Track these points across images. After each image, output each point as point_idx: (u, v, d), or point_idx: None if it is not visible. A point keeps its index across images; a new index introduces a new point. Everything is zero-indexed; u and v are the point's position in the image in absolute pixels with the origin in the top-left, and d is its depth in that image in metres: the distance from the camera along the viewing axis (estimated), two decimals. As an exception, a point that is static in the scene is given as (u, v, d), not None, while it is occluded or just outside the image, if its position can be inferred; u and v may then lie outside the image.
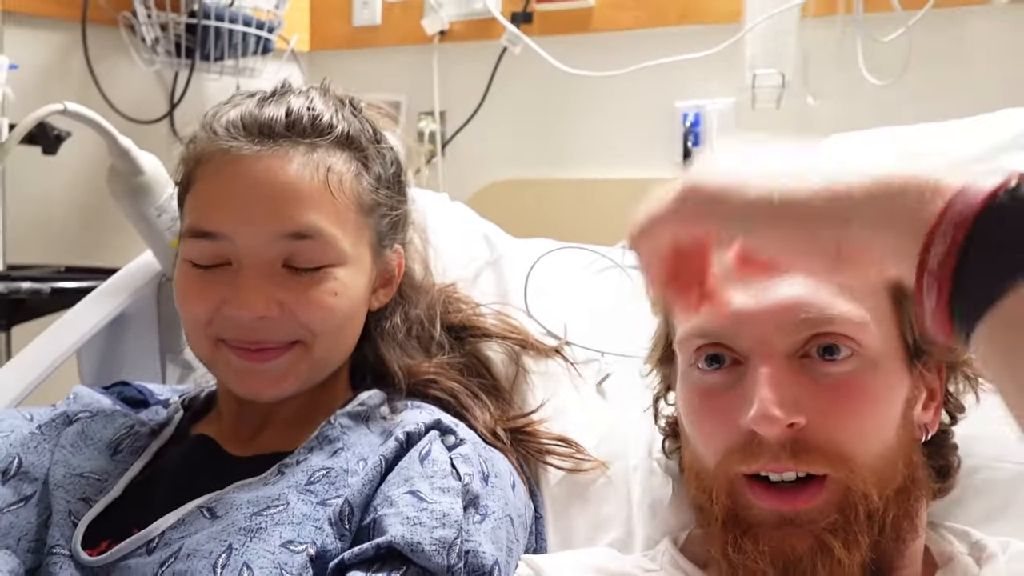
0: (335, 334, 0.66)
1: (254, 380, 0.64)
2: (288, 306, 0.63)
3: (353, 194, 0.67)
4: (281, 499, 0.59)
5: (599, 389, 0.79)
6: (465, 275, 0.86)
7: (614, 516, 0.71)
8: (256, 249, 0.63)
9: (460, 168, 1.69)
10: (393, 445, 0.62)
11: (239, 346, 0.64)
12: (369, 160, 0.69)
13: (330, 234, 0.64)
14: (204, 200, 0.65)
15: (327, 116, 0.67)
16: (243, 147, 0.64)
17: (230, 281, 0.63)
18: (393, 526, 0.56)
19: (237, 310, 0.62)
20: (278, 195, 0.63)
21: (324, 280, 0.64)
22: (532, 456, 0.72)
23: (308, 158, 0.65)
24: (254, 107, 0.66)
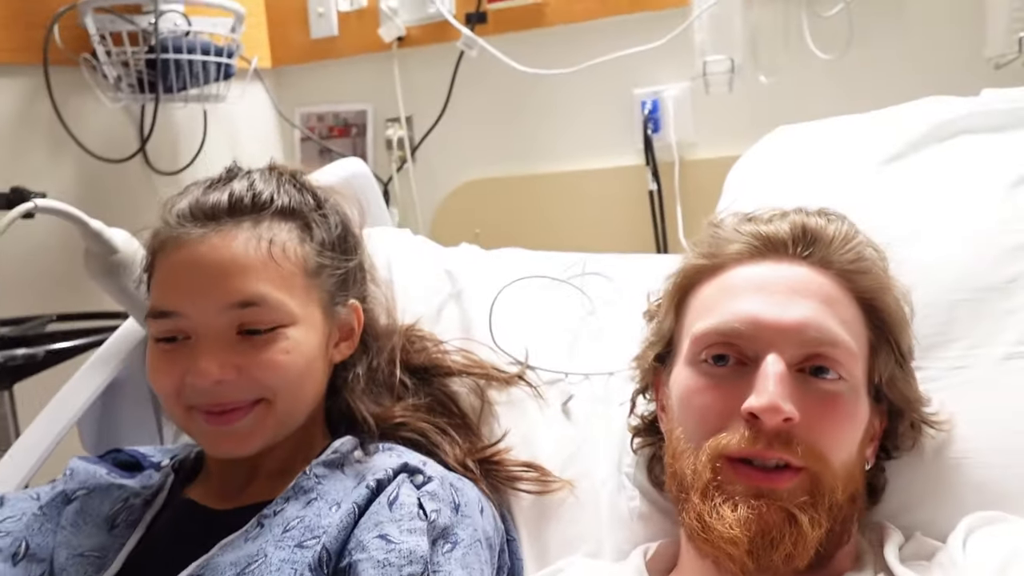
0: (294, 390, 0.72)
1: (223, 441, 0.71)
2: (244, 368, 0.69)
3: (298, 259, 0.73)
4: (260, 554, 0.65)
5: (564, 410, 0.84)
6: (427, 311, 0.90)
7: (584, 532, 0.77)
8: (208, 321, 0.69)
9: (431, 171, 1.73)
10: (364, 492, 0.68)
11: (207, 411, 0.70)
12: (312, 226, 0.75)
13: (276, 299, 0.70)
14: (161, 283, 0.72)
15: (267, 193, 0.74)
16: (191, 232, 0.71)
17: (189, 354, 0.70)
18: (366, 570, 0.62)
19: (196, 378, 0.69)
20: (223, 270, 0.70)
21: (275, 340, 0.70)
22: (501, 483, 0.78)
23: (251, 233, 0.72)
24: (200, 195, 0.74)
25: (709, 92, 1.41)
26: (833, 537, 0.62)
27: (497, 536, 0.73)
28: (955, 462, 0.69)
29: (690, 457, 0.64)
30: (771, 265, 0.67)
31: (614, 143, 1.56)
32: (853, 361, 0.64)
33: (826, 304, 0.64)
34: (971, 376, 0.71)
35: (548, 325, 0.91)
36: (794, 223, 0.68)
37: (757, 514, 0.59)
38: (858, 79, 1.37)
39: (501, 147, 1.67)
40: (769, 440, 0.60)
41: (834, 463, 0.61)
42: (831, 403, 0.62)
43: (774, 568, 0.60)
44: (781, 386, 0.60)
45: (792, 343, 0.62)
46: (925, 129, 0.86)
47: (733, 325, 0.64)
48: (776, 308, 0.63)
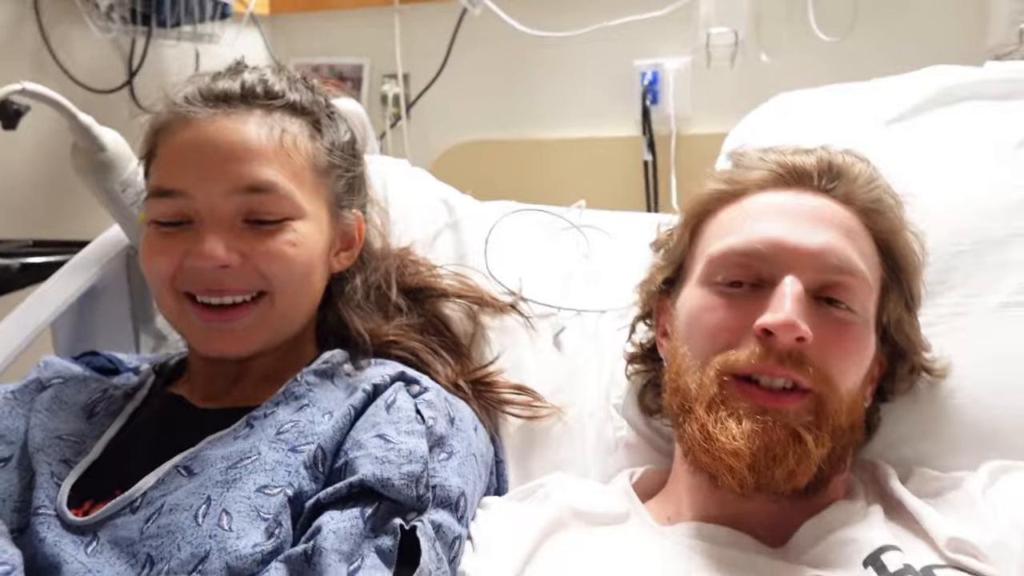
0: (296, 286, 0.69)
1: (217, 338, 0.68)
2: (248, 256, 0.67)
3: (308, 155, 0.71)
4: (253, 451, 0.62)
5: (556, 341, 0.83)
6: (423, 238, 0.89)
7: (570, 459, 0.76)
8: (215, 203, 0.66)
9: (425, 130, 1.71)
10: (361, 396, 0.66)
11: (203, 301, 0.67)
12: (322, 126, 0.73)
13: (286, 189, 0.68)
14: (164, 163, 0.69)
15: (279, 86, 0.72)
16: (200, 112, 0.68)
17: (192, 236, 0.67)
18: (364, 466, 0.60)
19: (198, 260, 0.66)
20: (234, 152, 0.67)
21: (282, 231, 0.67)
22: (492, 406, 0.77)
23: (263, 120, 0.69)
24: (209, 81, 0.71)
25: (711, 66, 1.42)
26: (832, 460, 0.62)
27: (489, 455, 0.72)
28: (949, 400, 0.69)
29: (696, 373, 0.63)
30: (795, 194, 0.67)
31: (612, 113, 1.56)
32: (867, 294, 0.64)
33: (847, 235, 0.64)
34: (967, 323, 0.72)
35: (543, 262, 0.90)
36: (820, 157, 0.68)
37: (762, 428, 0.59)
38: (858, 63, 1.37)
39: (497, 110, 1.65)
40: (780, 358, 0.60)
41: (841, 389, 0.61)
42: (843, 331, 0.62)
43: (774, 485, 0.59)
44: (798, 305, 0.60)
45: (812, 268, 0.62)
46: (930, 93, 0.87)
47: (755, 245, 0.63)
48: (799, 232, 0.63)
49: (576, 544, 0.63)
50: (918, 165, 0.82)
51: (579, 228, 0.93)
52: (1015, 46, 1.24)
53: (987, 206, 0.77)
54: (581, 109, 1.59)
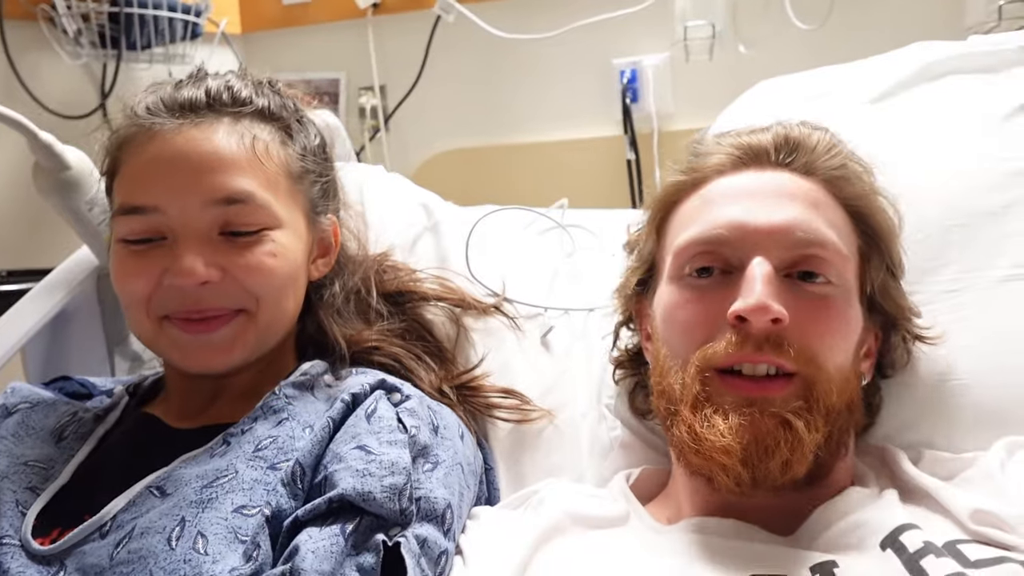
0: (277, 298, 0.67)
1: (201, 352, 0.65)
2: (229, 271, 0.64)
3: (281, 162, 0.68)
4: (229, 469, 0.59)
5: (543, 342, 0.81)
6: (402, 242, 0.87)
7: (564, 463, 0.73)
8: (190, 218, 0.63)
9: (404, 141, 1.69)
10: (340, 407, 0.63)
11: (184, 318, 0.64)
12: (293, 131, 0.71)
13: (263, 198, 0.65)
14: (130, 178, 0.66)
15: (246, 92, 0.69)
16: (165, 123, 0.65)
17: (168, 253, 0.64)
18: (344, 480, 0.57)
19: (178, 278, 0.62)
20: (206, 163, 0.64)
21: (261, 242, 0.65)
22: (479, 411, 0.74)
23: (233, 128, 0.66)
24: (171, 90, 0.68)
25: (689, 60, 1.40)
26: (831, 446, 0.59)
27: (477, 463, 0.69)
28: (951, 381, 0.67)
29: (678, 372, 0.61)
30: (754, 173, 0.64)
31: (592, 113, 1.54)
32: (843, 263, 0.61)
33: (812, 207, 0.62)
34: (966, 298, 0.70)
35: (527, 262, 0.88)
36: (776, 132, 0.66)
37: (750, 421, 0.56)
38: (837, 51, 1.35)
39: (477, 117, 1.63)
40: (758, 344, 0.57)
41: (828, 367, 0.58)
42: (822, 305, 0.60)
43: (771, 478, 0.57)
44: (768, 286, 0.57)
45: (779, 246, 0.60)
46: (915, 68, 0.85)
47: (716, 231, 0.61)
48: (761, 211, 0.61)
49: (574, 548, 0.61)
50: (906, 141, 0.80)
51: (563, 227, 0.91)
52: (994, 23, 1.22)
53: (978, 179, 0.75)
54: (561, 111, 1.57)
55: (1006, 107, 0.79)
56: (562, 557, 0.60)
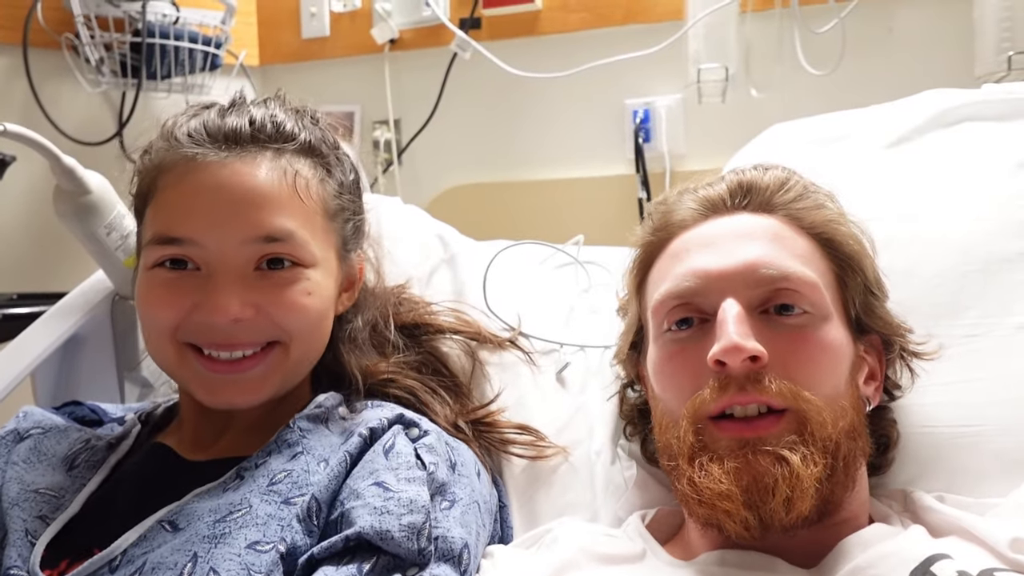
0: (310, 335, 0.66)
1: (228, 389, 0.64)
2: (263, 308, 0.63)
3: (319, 199, 0.68)
4: (243, 503, 0.58)
5: (559, 378, 0.80)
6: (419, 274, 0.87)
7: (578, 501, 0.72)
8: (229, 254, 0.63)
9: (417, 175, 1.70)
10: (357, 441, 0.62)
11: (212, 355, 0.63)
12: (331, 167, 0.70)
13: (301, 237, 0.65)
14: (170, 207, 0.65)
15: (290, 125, 0.68)
16: (209, 154, 0.64)
17: (201, 286, 0.63)
18: (361, 517, 0.56)
19: (211, 315, 0.62)
20: (248, 199, 0.63)
21: (297, 280, 0.64)
22: (494, 447, 0.73)
23: (275, 163, 0.66)
24: (216, 116, 0.67)
25: (702, 102, 1.42)
26: (836, 478, 0.58)
27: (493, 501, 0.68)
28: (972, 430, 0.66)
29: (674, 427, 0.61)
30: (714, 222, 0.66)
31: (605, 152, 1.56)
32: (814, 291, 0.61)
33: (773, 242, 0.63)
34: (984, 344, 0.70)
35: (544, 296, 0.87)
36: (729, 180, 0.68)
37: (745, 463, 0.56)
38: (848, 96, 1.37)
39: (490, 152, 1.65)
40: (741, 384, 0.58)
41: (816, 398, 0.58)
42: (800, 336, 0.60)
43: (778, 519, 0.56)
44: (740, 326, 0.58)
45: (747, 285, 0.61)
46: (930, 115, 0.86)
47: (684, 284, 0.63)
48: (723, 256, 0.62)
49: None
50: (921, 187, 0.81)
51: (579, 263, 0.91)
52: (1004, 73, 1.24)
53: (994, 225, 0.75)
54: (574, 149, 1.59)
55: (1020, 155, 0.79)
56: None
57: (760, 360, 0.58)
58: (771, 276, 0.61)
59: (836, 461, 0.58)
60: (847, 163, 0.86)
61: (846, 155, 0.87)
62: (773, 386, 0.57)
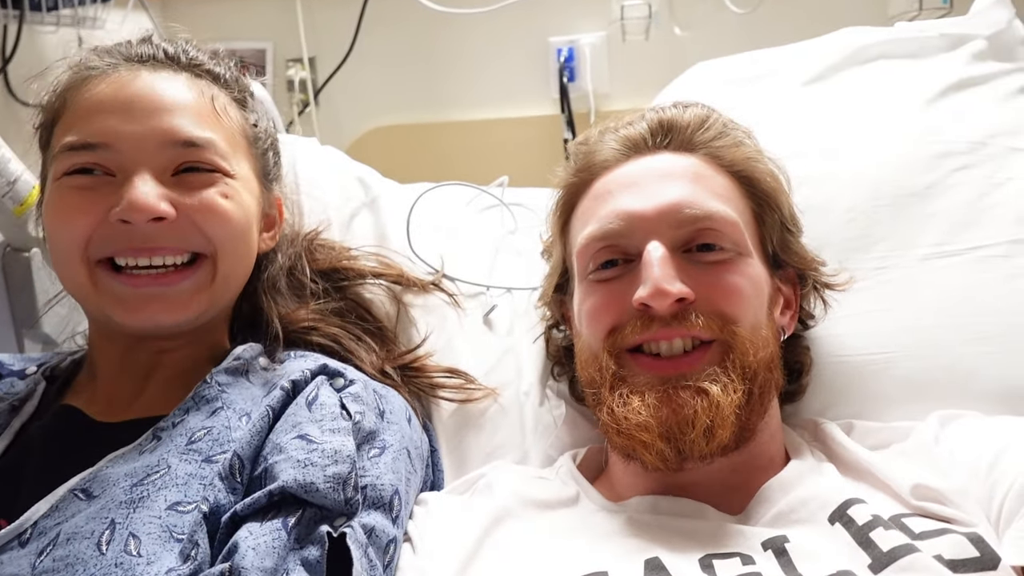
0: (235, 248, 0.63)
1: (151, 305, 0.60)
2: (182, 208, 0.60)
3: (238, 122, 0.66)
4: (161, 464, 0.56)
5: (486, 321, 0.80)
6: (339, 218, 0.83)
7: (508, 442, 0.73)
8: (143, 156, 0.60)
9: (335, 117, 1.63)
10: (279, 394, 0.60)
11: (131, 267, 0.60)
12: (247, 104, 0.69)
13: (222, 148, 0.63)
14: (78, 116, 0.61)
15: (203, 56, 0.67)
16: (120, 66, 0.63)
17: (116, 191, 0.59)
18: (284, 471, 0.54)
19: (129, 212, 0.58)
20: (166, 105, 0.61)
21: (216, 183, 0.62)
22: (423, 391, 0.72)
23: (192, 82, 0.64)
24: (124, 47, 0.65)
25: (626, 40, 1.40)
26: (752, 404, 0.60)
27: (424, 447, 0.67)
28: (881, 357, 0.69)
29: (595, 360, 0.62)
30: (636, 161, 0.66)
31: (529, 91, 1.53)
32: (734, 229, 0.63)
33: (695, 181, 0.64)
34: (892, 276, 0.72)
35: (469, 239, 0.86)
36: (650, 119, 0.68)
37: (665, 396, 0.58)
38: (769, 34, 1.37)
39: (411, 93, 1.59)
40: (666, 322, 0.59)
41: (741, 327, 0.60)
42: (723, 272, 0.61)
43: (697, 448, 0.57)
44: (664, 269, 0.59)
45: (670, 226, 0.61)
46: (846, 53, 0.88)
47: (608, 225, 0.63)
48: (646, 197, 0.63)
49: (525, 531, 0.60)
50: (836, 124, 0.82)
51: (505, 204, 0.89)
52: (915, 12, 1.27)
53: (905, 160, 0.77)
54: (498, 88, 1.55)
55: (930, 92, 0.82)
56: (514, 539, 0.59)
57: (686, 300, 0.58)
58: (694, 216, 0.61)
59: (753, 388, 0.60)
60: (767, 101, 0.86)
61: (766, 93, 0.88)
62: (700, 321, 0.58)
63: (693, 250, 0.62)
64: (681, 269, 0.60)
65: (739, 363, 0.59)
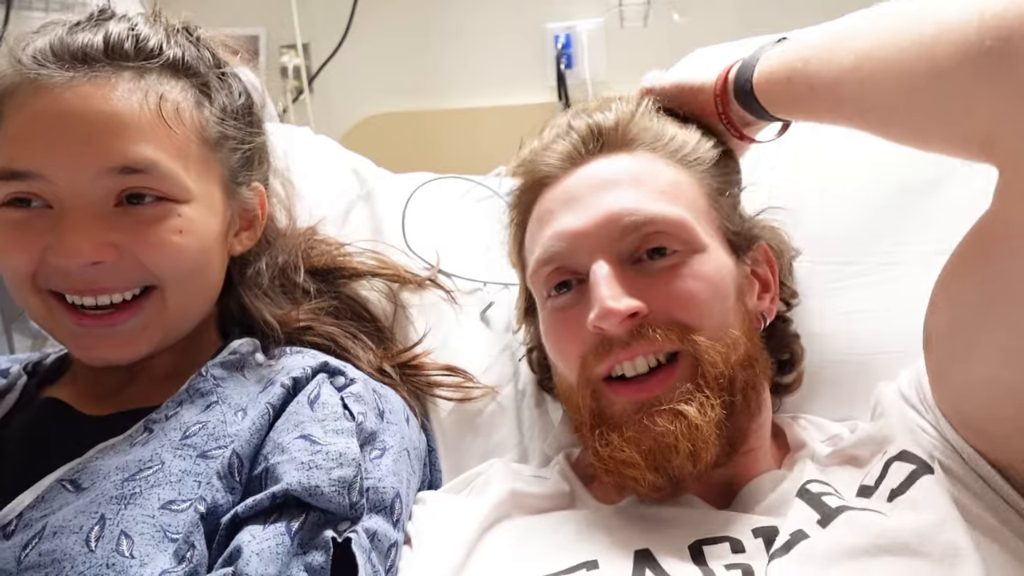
0: (188, 279, 0.60)
1: (100, 343, 0.58)
2: (127, 248, 0.57)
3: (194, 125, 0.60)
4: (154, 459, 0.54)
5: (483, 318, 0.78)
6: (334, 213, 0.82)
7: (506, 441, 0.72)
8: (79, 188, 0.56)
9: (329, 104, 1.61)
10: (279, 391, 0.58)
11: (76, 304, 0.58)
12: (211, 89, 0.63)
13: (167, 168, 0.58)
14: (11, 138, 0.57)
15: (154, 41, 0.60)
16: (54, 75, 0.56)
17: (53, 226, 0.56)
18: (288, 473, 0.53)
19: (63, 258, 0.56)
20: (100, 125, 0.56)
21: (166, 217, 0.58)
22: (421, 390, 0.71)
23: (135, 84, 0.58)
24: (64, 33, 0.59)
25: (624, 26, 1.38)
26: (737, 411, 0.58)
27: (422, 446, 0.66)
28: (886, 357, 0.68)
29: (572, 394, 0.61)
30: (574, 173, 0.63)
31: (526, 79, 1.51)
32: (682, 229, 0.59)
33: (636, 184, 0.60)
34: (898, 272, 0.71)
35: (465, 233, 0.84)
36: (579, 128, 0.64)
37: (642, 428, 0.56)
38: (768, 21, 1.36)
39: (406, 80, 1.57)
40: (624, 342, 0.56)
41: (703, 333, 0.57)
42: (675, 274, 0.58)
43: (686, 472, 0.56)
44: (611, 287, 0.56)
45: (612, 238, 0.58)
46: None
47: (552, 249, 0.60)
48: (584, 212, 0.59)
49: (519, 533, 0.59)
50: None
51: (501, 196, 0.88)
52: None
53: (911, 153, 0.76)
54: (495, 76, 1.53)
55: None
56: (508, 538, 0.58)
57: (639, 314, 0.56)
58: (635, 223, 0.58)
59: (734, 395, 0.57)
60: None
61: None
62: (658, 334, 0.56)
63: (644, 258, 0.59)
64: (629, 282, 0.57)
65: (710, 375, 0.56)
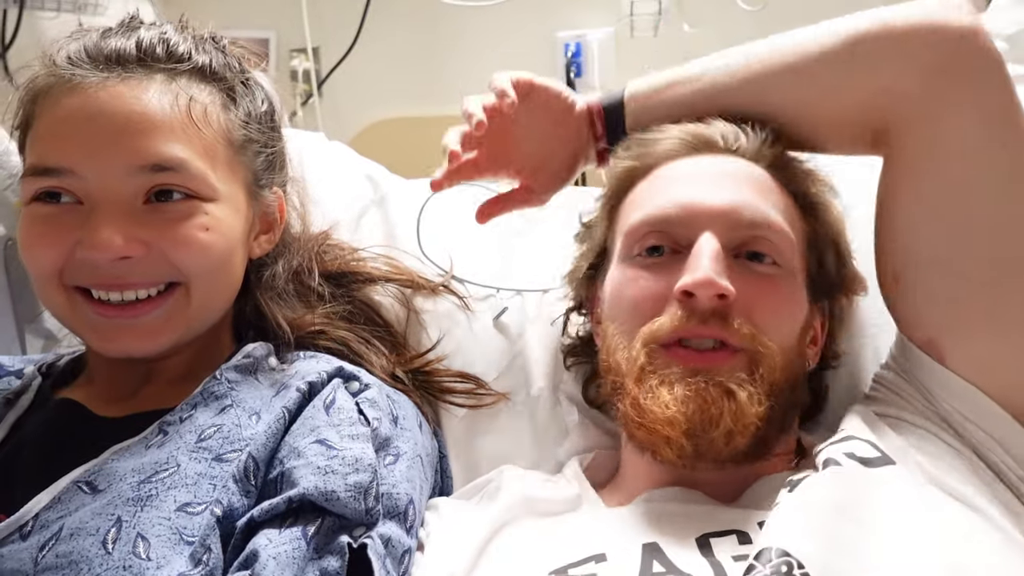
0: (213, 276, 0.61)
1: (122, 335, 0.59)
2: (154, 245, 0.58)
3: (221, 128, 0.62)
4: (170, 462, 0.54)
5: (496, 324, 0.79)
6: (347, 218, 0.82)
7: (519, 446, 0.72)
8: (110, 184, 0.57)
9: (339, 108, 1.61)
10: (295, 396, 0.59)
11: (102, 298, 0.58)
12: (237, 94, 0.65)
13: (196, 167, 0.59)
14: (44, 135, 0.59)
15: (184, 47, 0.62)
16: (88, 76, 0.58)
17: (83, 222, 0.57)
18: (304, 477, 0.53)
19: (92, 252, 0.56)
20: (132, 124, 0.58)
21: (193, 215, 0.59)
22: (434, 396, 0.71)
23: (166, 87, 0.60)
24: (98, 38, 0.61)
25: (634, 36, 1.39)
26: (773, 421, 0.59)
27: (435, 453, 0.67)
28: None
29: (624, 349, 0.61)
30: (703, 158, 0.65)
31: (535, 86, 1.51)
32: (788, 246, 0.62)
33: (759, 192, 0.63)
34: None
35: (479, 240, 0.84)
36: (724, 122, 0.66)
37: (695, 391, 0.56)
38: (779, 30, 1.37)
39: (416, 86, 1.58)
40: (703, 318, 0.58)
41: (772, 345, 0.59)
42: (768, 284, 0.60)
43: (715, 450, 0.57)
44: (716, 262, 0.58)
45: (727, 226, 0.60)
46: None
47: (666, 211, 0.62)
48: (709, 192, 0.61)
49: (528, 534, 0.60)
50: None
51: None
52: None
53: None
54: (504, 83, 1.53)
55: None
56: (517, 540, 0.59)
57: (727, 298, 0.57)
58: (753, 221, 0.60)
59: (776, 406, 0.59)
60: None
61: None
62: (736, 325, 0.57)
63: (743, 256, 0.61)
64: (729, 270, 0.58)
65: (766, 378, 0.58)
